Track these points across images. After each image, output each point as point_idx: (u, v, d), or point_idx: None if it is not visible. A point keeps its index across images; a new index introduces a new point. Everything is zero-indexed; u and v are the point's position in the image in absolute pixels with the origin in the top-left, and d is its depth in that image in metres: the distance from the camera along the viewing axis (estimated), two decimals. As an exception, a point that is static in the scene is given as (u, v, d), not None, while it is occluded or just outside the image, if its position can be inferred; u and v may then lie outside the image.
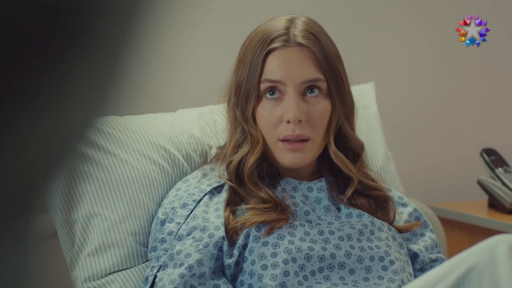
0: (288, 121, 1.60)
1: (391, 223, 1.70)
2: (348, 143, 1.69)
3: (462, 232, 2.35)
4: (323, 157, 1.71)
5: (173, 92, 2.18)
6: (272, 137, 1.63)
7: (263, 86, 1.62)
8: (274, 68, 1.61)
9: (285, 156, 1.62)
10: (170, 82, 2.19)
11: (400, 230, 1.70)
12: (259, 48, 1.62)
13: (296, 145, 1.61)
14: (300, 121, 1.60)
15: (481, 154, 2.40)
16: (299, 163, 1.63)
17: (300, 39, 1.62)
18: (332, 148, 1.65)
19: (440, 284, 1.28)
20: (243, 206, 1.62)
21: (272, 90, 1.62)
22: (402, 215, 1.74)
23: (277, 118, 1.62)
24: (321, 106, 1.63)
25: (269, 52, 1.62)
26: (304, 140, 1.62)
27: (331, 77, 1.63)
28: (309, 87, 1.63)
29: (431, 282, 1.29)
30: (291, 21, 1.65)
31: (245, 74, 1.64)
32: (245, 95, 1.64)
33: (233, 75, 1.68)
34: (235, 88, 1.66)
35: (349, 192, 1.68)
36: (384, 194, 1.71)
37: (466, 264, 1.28)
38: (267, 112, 1.62)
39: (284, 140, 1.62)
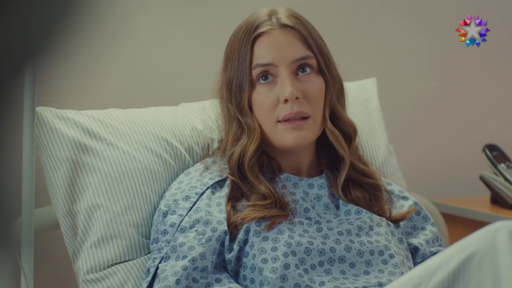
0: (286, 100, 1.61)
1: (388, 218, 1.70)
2: (339, 125, 1.69)
3: (465, 228, 2.34)
4: (322, 145, 1.72)
5: (176, 87, 2.18)
6: (270, 121, 1.63)
7: (255, 72, 1.63)
8: (263, 52, 1.63)
9: (287, 136, 1.63)
10: (173, 77, 2.19)
11: (396, 220, 1.70)
12: (245, 38, 1.64)
13: (297, 123, 1.62)
14: (297, 98, 1.61)
15: (484, 150, 2.40)
16: (301, 142, 1.63)
17: (284, 21, 1.65)
18: (328, 125, 1.66)
19: (440, 270, 1.28)
20: (244, 203, 1.62)
21: (264, 75, 1.64)
22: (403, 209, 1.75)
23: (274, 101, 1.63)
24: (316, 83, 1.64)
25: (255, 39, 1.64)
26: (305, 118, 1.63)
27: (319, 53, 1.65)
28: (301, 66, 1.64)
29: (432, 269, 1.29)
30: (272, 10, 1.68)
31: (234, 67, 1.65)
32: (238, 86, 1.65)
33: (222, 73, 1.69)
34: (226, 84, 1.67)
35: (342, 176, 1.68)
36: (375, 182, 1.72)
37: (466, 250, 1.28)
38: (263, 97, 1.63)
39: (284, 121, 1.63)
